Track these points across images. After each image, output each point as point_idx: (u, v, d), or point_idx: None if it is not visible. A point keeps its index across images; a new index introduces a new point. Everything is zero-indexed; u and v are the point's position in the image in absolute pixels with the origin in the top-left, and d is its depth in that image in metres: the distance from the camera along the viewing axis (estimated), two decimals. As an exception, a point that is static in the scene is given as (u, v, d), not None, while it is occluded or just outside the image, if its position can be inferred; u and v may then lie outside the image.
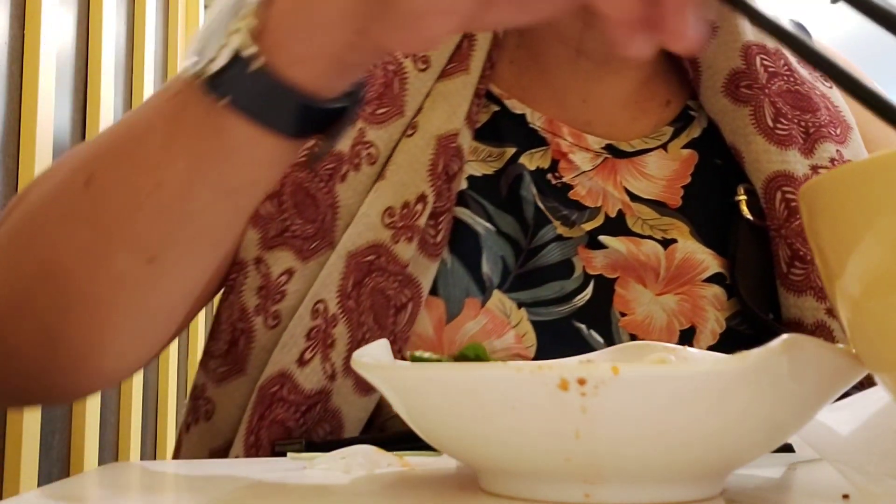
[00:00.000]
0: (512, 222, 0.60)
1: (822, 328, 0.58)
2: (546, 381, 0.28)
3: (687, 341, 0.58)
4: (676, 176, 0.64)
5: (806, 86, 0.65)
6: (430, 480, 0.38)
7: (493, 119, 0.64)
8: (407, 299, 0.55)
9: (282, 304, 0.56)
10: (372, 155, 0.58)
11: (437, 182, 0.57)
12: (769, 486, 0.37)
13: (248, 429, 0.54)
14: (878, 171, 0.26)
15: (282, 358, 0.54)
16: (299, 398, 0.54)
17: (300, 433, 0.54)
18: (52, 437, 0.87)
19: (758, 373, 0.28)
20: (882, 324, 0.27)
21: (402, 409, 0.33)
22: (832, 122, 0.64)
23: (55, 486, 0.38)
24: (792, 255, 0.59)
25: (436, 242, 0.57)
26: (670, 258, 0.61)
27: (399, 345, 0.55)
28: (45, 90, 0.82)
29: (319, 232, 0.57)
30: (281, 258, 0.56)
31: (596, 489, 0.30)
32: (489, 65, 0.63)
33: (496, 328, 0.56)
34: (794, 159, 0.62)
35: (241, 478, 0.41)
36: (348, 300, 0.55)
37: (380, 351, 0.36)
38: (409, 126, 0.59)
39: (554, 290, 0.58)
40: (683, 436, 0.29)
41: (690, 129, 0.66)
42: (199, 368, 0.60)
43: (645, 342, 0.46)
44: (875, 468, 0.31)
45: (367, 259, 0.55)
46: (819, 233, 0.29)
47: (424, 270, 0.56)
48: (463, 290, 0.56)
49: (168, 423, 1.28)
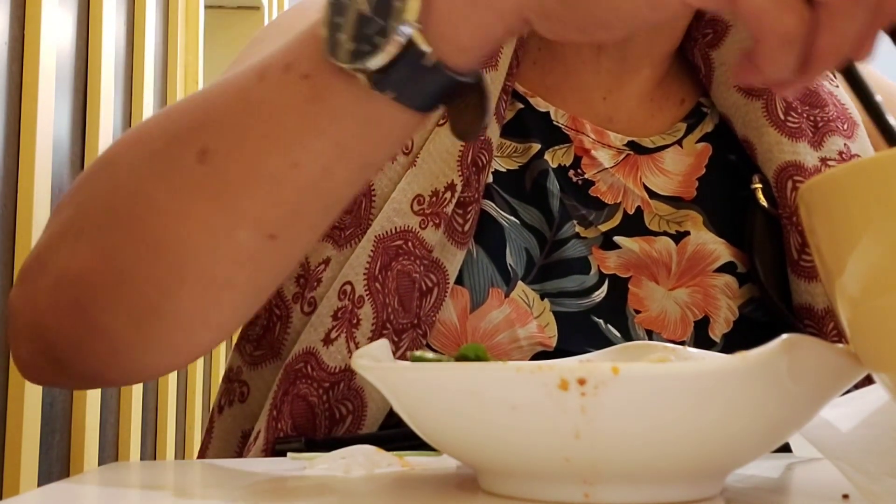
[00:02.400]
0: (537, 214, 0.61)
1: (832, 314, 0.59)
2: (546, 381, 0.28)
3: (702, 331, 0.59)
4: (692, 170, 0.66)
5: (814, 83, 0.67)
6: (430, 480, 0.38)
7: (518, 116, 0.65)
8: (433, 284, 0.57)
9: (317, 290, 0.57)
10: (407, 145, 0.59)
11: (465, 171, 0.59)
12: (769, 486, 0.37)
13: (272, 404, 0.56)
14: (878, 171, 0.26)
15: (308, 337, 0.56)
16: (323, 375, 0.55)
17: (323, 410, 0.55)
18: (52, 437, 0.87)
19: (758, 373, 0.28)
20: (882, 324, 0.27)
21: (402, 409, 0.33)
22: (839, 118, 0.65)
23: (55, 486, 0.38)
24: (803, 242, 0.60)
25: (463, 231, 0.58)
26: (682, 252, 0.62)
27: (424, 329, 0.56)
28: (45, 90, 0.82)
29: (354, 220, 0.58)
30: (320, 248, 0.58)
31: (595, 489, 0.30)
32: (515, 63, 0.64)
33: (520, 317, 0.57)
34: (805, 151, 0.63)
35: (241, 478, 0.41)
36: (375, 282, 0.56)
37: (380, 351, 0.36)
38: (442, 116, 0.60)
39: (576, 283, 0.60)
40: (683, 436, 0.29)
41: (703, 125, 0.68)
42: (233, 351, 0.62)
43: (645, 342, 0.46)
44: (875, 467, 0.31)
45: (395, 244, 0.57)
46: (818, 232, 0.29)
47: (451, 258, 0.58)
48: (487, 280, 0.58)
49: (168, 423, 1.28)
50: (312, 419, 0.55)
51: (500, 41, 0.43)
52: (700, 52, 0.68)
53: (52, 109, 0.84)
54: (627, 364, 0.27)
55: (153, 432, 1.25)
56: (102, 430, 0.98)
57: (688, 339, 0.60)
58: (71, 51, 0.93)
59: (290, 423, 0.55)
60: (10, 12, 0.80)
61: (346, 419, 0.55)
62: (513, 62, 0.63)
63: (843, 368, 0.30)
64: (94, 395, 0.97)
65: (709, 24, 0.68)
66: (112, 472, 0.45)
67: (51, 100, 0.84)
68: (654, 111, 0.68)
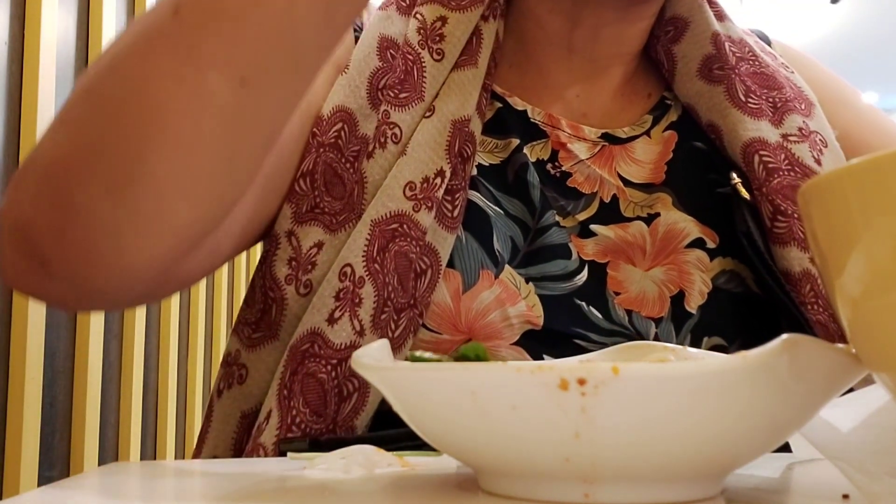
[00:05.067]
0: (519, 205, 0.64)
1: (808, 276, 0.63)
2: (546, 382, 0.28)
3: (678, 305, 0.63)
4: (660, 157, 0.70)
5: (770, 68, 0.73)
6: (430, 480, 0.38)
7: (497, 115, 0.69)
8: (427, 266, 0.60)
9: (312, 273, 0.60)
10: (396, 135, 0.63)
11: (453, 160, 0.63)
12: (769, 486, 0.37)
13: (280, 384, 0.57)
14: (878, 171, 0.26)
15: (312, 318, 0.58)
16: (330, 352, 0.57)
17: (332, 386, 0.57)
18: (52, 437, 0.87)
19: (758, 373, 0.28)
20: (882, 324, 0.27)
21: (402, 410, 0.33)
22: (797, 98, 0.71)
23: (55, 486, 0.38)
24: (774, 209, 0.65)
25: (453, 216, 0.62)
26: (654, 234, 0.66)
27: (420, 309, 0.59)
28: (45, 90, 0.82)
29: (347, 206, 0.61)
30: (311, 232, 0.61)
31: (595, 489, 0.30)
32: (493, 64, 0.68)
33: (509, 297, 0.60)
34: (767, 129, 0.68)
35: (241, 478, 0.41)
36: (374, 263, 0.59)
37: (380, 351, 0.36)
38: (427, 109, 0.64)
39: (559, 267, 0.63)
40: (683, 436, 0.29)
41: (668, 115, 0.73)
42: (231, 336, 0.64)
43: (645, 342, 0.47)
44: (875, 467, 0.31)
45: (390, 227, 0.60)
46: (818, 233, 0.29)
47: (443, 241, 0.61)
48: (478, 263, 0.61)
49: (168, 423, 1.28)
50: (323, 396, 0.57)
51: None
52: (663, 48, 0.73)
53: (52, 109, 0.84)
54: (627, 364, 0.27)
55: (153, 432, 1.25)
56: (102, 430, 0.98)
57: (665, 314, 0.63)
58: (71, 51, 0.93)
59: (303, 400, 0.56)
60: (10, 12, 0.80)
61: (352, 396, 0.57)
62: (491, 63, 0.68)
63: (843, 368, 0.30)
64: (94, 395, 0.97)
65: (670, 23, 0.73)
66: (112, 472, 0.45)
67: (51, 100, 0.84)
68: (625, 104, 0.73)
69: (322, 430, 0.57)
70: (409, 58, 0.65)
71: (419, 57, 0.65)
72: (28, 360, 0.84)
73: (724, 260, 0.65)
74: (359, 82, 0.65)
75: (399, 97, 0.64)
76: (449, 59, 0.66)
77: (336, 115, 0.64)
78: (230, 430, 0.62)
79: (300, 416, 0.56)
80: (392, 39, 0.67)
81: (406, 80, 0.65)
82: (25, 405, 0.79)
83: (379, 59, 0.66)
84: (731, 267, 0.65)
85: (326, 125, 0.63)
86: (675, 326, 0.62)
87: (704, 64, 0.71)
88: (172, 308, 1.46)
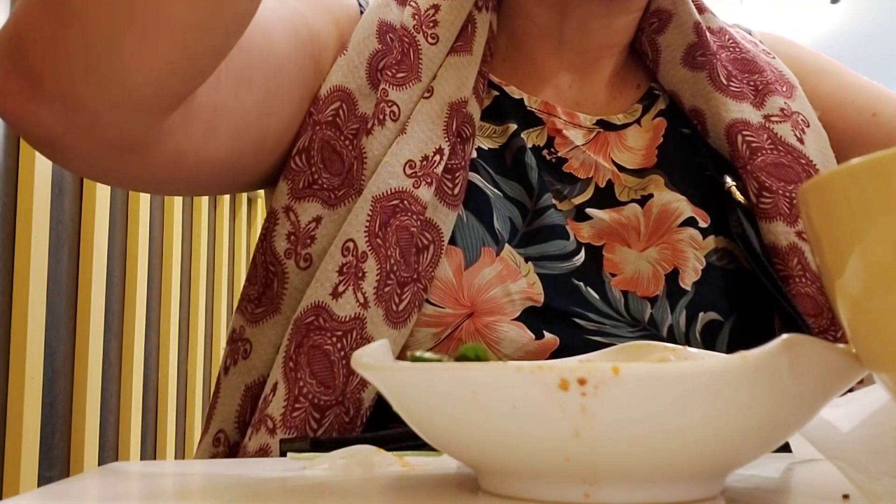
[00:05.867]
0: (517, 188, 0.66)
1: (795, 249, 0.65)
2: (546, 381, 0.28)
3: (673, 283, 0.64)
4: (651, 142, 0.72)
5: (750, 53, 0.75)
6: (430, 480, 0.38)
7: (495, 102, 0.71)
8: (429, 241, 0.61)
9: (312, 247, 0.61)
10: (395, 113, 0.65)
11: (451, 138, 0.64)
12: (769, 486, 0.37)
13: (286, 357, 0.58)
14: (878, 170, 0.26)
15: (315, 292, 0.59)
16: (335, 325, 0.58)
17: (339, 358, 0.57)
18: (52, 437, 0.87)
19: (758, 373, 0.28)
20: (882, 323, 0.27)
21: (402, 409, 0.33)
22: (777, 81, 0.74)
23: (55, 486, 0.38)
24: (759, 186, 0.67)
25: (454, 194, 0.63)
26: (648, 215, 0.68)
27: (424, 283, 0.60)
28: (45, 90, 0.82)
29: (346, 182, 0.63)
30: (309, 208, 0.62)
31: (595, 489, 0.30)
32: (489, 53, 0.71)
33: (510, 274, 0.61)
34: (749, 111, 0.71)
35: (241, 478, 0.41)
36: (376, 238, 0.60)
37: (380, 351, 0.36)
38: (426, 90, 0.66)
39: (558, 248, 0.64)
40: (683, 436, 0.29)
41: (657, 104, 0.75)
42: (235, 314, 0.65)
43: (645, 342, 0.47)
44: (875, 467, 0.31)
45: (391, 203, 0.61)
46: (819, 232, 0.29)
47: (444, 218, 0.62)
48: (479, 241, 0.62)
49: (168, 423, 1.28)
50: (330, 367, 0.58)
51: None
52: (647, 39, 0.76)
53: (52, 109, 0.84)
54: (627, 364, 0.27)
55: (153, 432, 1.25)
56: (102, 430, 0.98)
57: (660, 291, 0.64)
58: (71, 51, 0.93)
59: (309, 371, 0.57)
60: (11, 12, 0.80)
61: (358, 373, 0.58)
62: (486, 53, 0.70)
63: (843, 368, 0.30)
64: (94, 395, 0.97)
65: (654, 15, 0.75)
66: (112, 472, 0.45)
67: (51, 100, 0.83)
68: (616, 94, 0.76)
69: (331, 401, 0.57)
70: (406, 41, 0.67)
71: (415, 40, 0.67)
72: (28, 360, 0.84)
73: (716, 238, 0.67)
74: (357, 63, 0.66)
75: (397, 77, 0.66)
76: (444, 42, 0.68)
77: (334, 95, 0.65)
78: (235, 403, 0.63)
79: (307, 387, 0.57)
80: (390, 24, 0.69)
81: (403, 60, 0.66)
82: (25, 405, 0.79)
83: (378, 42, 0.67)
84: (724, 245, 0.67)
85: (323, 104, 0.65)
86: (671, 303, 0.63)
87: (688, 52, 0.73)
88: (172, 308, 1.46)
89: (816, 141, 0.70)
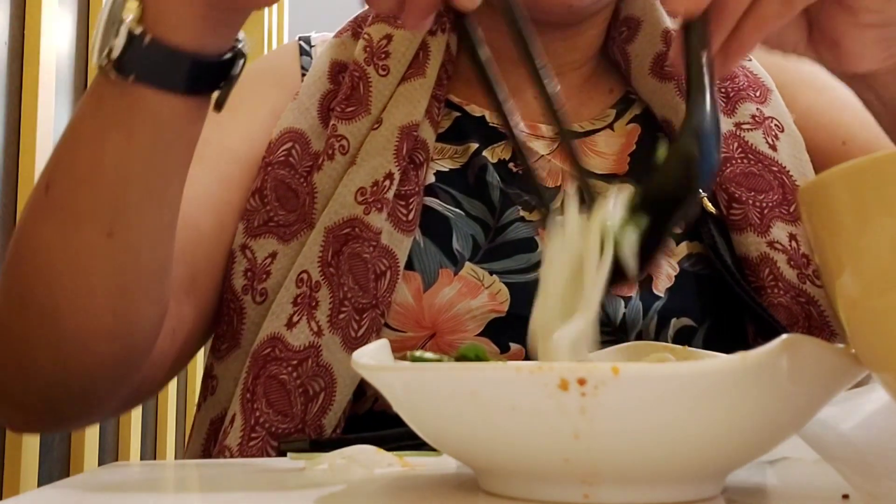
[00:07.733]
0: (480, 206, 0.66)
1: (766, 259, 0.64)
2: (546, 382, 0.28)
3: (646, 289, 0.63)
4: (624, 148, 0.71)
5: None
6: (430, 480, 0.38)
7: (455, 123, 0.70)
8: (385, 268, 0.61)
9: (268, 281, 0.62)
10: (344, 146, 0.65)
11: (401, 162, 0.64)
12: (769, 486, 0.37)
13: (243, 388, 0.59)
14: (878, 171, 0.26)
15: (271, 324, 0.60)
16: (290, 354, 0.59)
17: (295, 386, 0.58)
18: (52, 437, 0.87)
19: (758, 373, 0.28)
20: (882, 324, 0.27)
21: (402, 409, 0.33)
22: (750, 87, 0.72)
23: (55, 486, 0.38)
24: (729, 197, 0.66)
25: (408, 220, 0.63)
26: None
27: (382, 309, 0.60)
28: (45, 90, 0.82)
29: (299, 217, 0.64)
30: (265, 244, 0.63)
31: (595, 489, 0.30)
32: (445, 74, 0.70)
33: (470, 291, 0.61)
34: None
35: (241, 478, 0.41)
36: (329, 267, 0.61)
37: (380, 351, 0.36)
38: (375, 121, 0.66)
39: (522, 262, 0.63)
40: (683, 436, 0.29)
41: (632, 110, 0.74)
42: (208, 353, 0.66)
43: (645, 342, 0.47)
44: (874, 467, 0.31)
45: (343, 232, 0.61)
46: (819, 233, 0.29)
47: (399, 244, 0.62)
48: (436, 264, 0.62)
49: (168, 423, 1.28)
50: (286, 396, 0.58)
51: (209, 16, 0.48)
52: (618, 48, 0.74)
53: (52, 109, 0.84)
54: (627, 364, 0.27)
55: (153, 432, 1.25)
56: (102, 430, 0.98)
57: (634, 295, 0.63)
58: (71, 51, 0.93)
59: (265, 401, 0.58)
60: (10, 12, 0.80)
61: (319, 396, 0.58)
62: (442, 74, 0.69)
63: (843, 368, 0.30)
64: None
65: (623, 23, 0.74)
66: (112, 472, 0.45)
67: (51, 100, 0.84)
68: (585, 100, 0.74)
69: (290, 429, 0.58)
70: (356, 75, 0.68)
71: (365, 73, 0.68)
72: (28, 360, 0.84)
73: (690, 244, 0.66)
74: (308, 105, 0.68)
75: (346, 111, 0.66)
76: (395, 74, 0.68)
77: (285, 136, 0.66)
78: (201, 439, 0.64)
79: (264, 417, 0.58)
80: (343, 63, 0.70)
81: (352, 95, 0.67)
82: (25, 405, 0.79)
83: (330, 83, 0.69)
84: (698, 250, 0.66)
85: (274, 146, 0.66)
86: (644, 307, 0.63)
87: (656, 61, 0.72)
88: (172, 308, 1.45)
89: (791, 146, 0.69)
